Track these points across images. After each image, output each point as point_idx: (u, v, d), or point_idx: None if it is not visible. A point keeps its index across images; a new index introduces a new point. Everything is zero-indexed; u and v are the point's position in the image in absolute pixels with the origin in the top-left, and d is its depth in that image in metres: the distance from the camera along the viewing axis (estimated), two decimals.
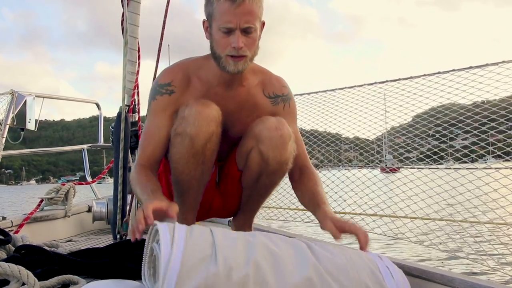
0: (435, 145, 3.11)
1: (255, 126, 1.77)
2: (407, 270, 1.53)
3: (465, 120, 2.74)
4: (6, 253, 1.84)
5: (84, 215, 3.18)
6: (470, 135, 2.77)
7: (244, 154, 1.83)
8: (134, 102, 2.60)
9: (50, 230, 2.78)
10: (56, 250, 2.07)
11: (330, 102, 3.57)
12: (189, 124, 1.65)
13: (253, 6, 1.62)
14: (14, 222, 2.50)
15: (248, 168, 1.83)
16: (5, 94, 3.44)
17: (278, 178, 1.84)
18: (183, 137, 1.67)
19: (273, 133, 1.72)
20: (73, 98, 5.02)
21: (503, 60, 2.52)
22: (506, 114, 2.52)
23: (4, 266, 1.24)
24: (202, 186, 1.83)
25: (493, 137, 2.70)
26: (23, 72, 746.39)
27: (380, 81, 3.32)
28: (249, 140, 1.79)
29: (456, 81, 2.70)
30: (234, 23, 1.61)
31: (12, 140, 3.48)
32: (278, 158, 1.74)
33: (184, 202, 1.84)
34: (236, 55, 1.65)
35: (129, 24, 2.50)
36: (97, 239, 2.72)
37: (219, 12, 1.62)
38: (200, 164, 1.73)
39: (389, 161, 4.24)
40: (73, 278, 1.54)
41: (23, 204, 15.94)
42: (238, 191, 1.95)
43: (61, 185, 3.02)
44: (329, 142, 3.65)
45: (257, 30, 1.66)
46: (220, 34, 1.64)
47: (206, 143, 1.68)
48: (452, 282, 1.38)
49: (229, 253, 1.20)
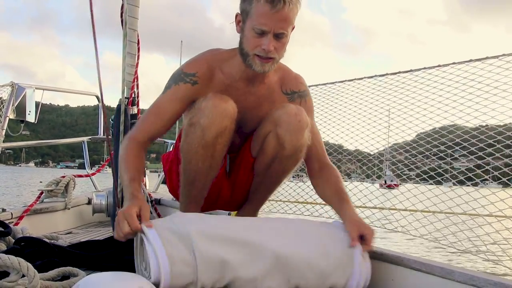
0: (437, 165, 3.10)
1: (274, 111, 1.80)
2: (407, 263, 1.54)
3: (469, 140, 2.72)
4: (6, 245, 1.84)
5: (84, 207, 3.18)
6: (475, 156, 2.75)
7: (261, 138, 1.85)
8: (133, 94, 2.60)
9: (50, 222, 2.78)
10: (56, 242, 2.07)
11: (333, 110, 3.56)
12: (204, 115, 1.68)
13: (290, 14, 1.64)
14: (14, 214, 2.50)
15: (263, 152, 1.85)
16: (5, 86, 3.43)
17: (291, 164, 1.86)
18: (196, 128, 1.70)
19: (292, 118, 1.75)
20: (73, 90, 5.01)
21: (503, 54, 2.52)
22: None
23: (4, 258, 1.24)
24: (208, 181, 1.85)
25: (497, 161, 2.68)
26: (30, 54, 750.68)
27: (381, 74, 3.31)
28: (267, 125, 1.81)
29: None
30: (269, 27, 1.63)
31: (12, 132, 3.48)
32: (294, 143, 1.76)
33: (189, 193, 1.86)
34: (264, 56, 1.68)
35: (128, 16, 2.49)
36: (97, 231, 2.73)
37: (256, 13, 1.64)
38: (208, 157, 1.75)
39: (388, 177, 4.23)
40: (73, 270, 1.54)
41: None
42: (248, 180, 1.97)
43: (61, 178, 3.02)
44: (331, 151, 3.62)
45: (288, 36, 1.69)
46: (253, 33, 1.66)
47: (217, 137, 1.70)
48: (451, 274, 1.38)
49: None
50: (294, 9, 1.65)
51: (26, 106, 3.48)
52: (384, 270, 1.61)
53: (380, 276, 1.61)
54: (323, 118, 3.64)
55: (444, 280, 1.40)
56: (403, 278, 1.55)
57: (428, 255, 5.17)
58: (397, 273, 1.57)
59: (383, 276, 1.61)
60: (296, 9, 1.67)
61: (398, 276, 1.57)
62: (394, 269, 1.58)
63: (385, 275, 1.61)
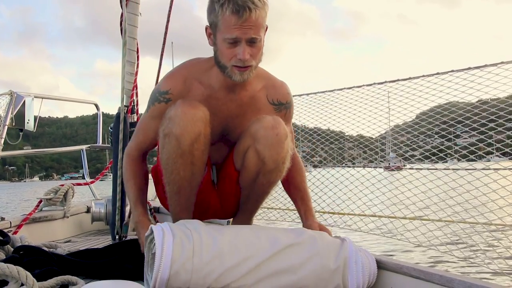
0: (439, 142, 3.10)
1: (251, 125, 1.78)
2: (406, 271, 1.54)
3: (472, 117, 2.73)
4: (5, 254, 1.84)
5: (83, 215, 3.17)
6: (476, 132, 2.77)
7: (241, 153, 1.83)
8: (133, 102, 2.60)
9: (49, 230, 2.77)
10: (55, 250, 2.07)
11: (334, 101, 3.57)
12: (175, 124, 1.67)
13: (258, 19, 1.62)
14: (13, 222, 2.49)
15: (245, 168, 1.84)
16: (4, 94, 3.43)
17: (275, 177, 1.85)
18: (170, 138, 1.69)
19: (269, 132, 1.72)
20: (72, 99, 5.01)
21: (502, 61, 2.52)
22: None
23: (3, 266, 1.23)
24: (194, 187, 1.83)
25: (499, 134, 2.69)
26: (22, 69, 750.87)
27: (380, 82, 3.32)
28: (246, 139, 1.80)
29: (455, 82, 2.70)
30: (240, 36, 1.62)
31: (11, 141, 3.47)
32: (274, 157, 1.75)
33: (177, 202, 1.85)
34: (242, 66, 1.67)
35: (128, 25, 2.50)
36: (96, 240, 2.72)
37: (224, 24, 1.63)
38: (189, 165, 1.73)
39: (392, 160, 4.23)
40: (72, 279, 1.54)
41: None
42: (236, 192, 1.96)
43: (59, 186, 3.02)
44: (332, 140, 3.64)
45: (262, 39, 1.68)
46: (225, 45, 1.66)
47: (193, 143, 1.68)
48: (451, 282, 1.38)
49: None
50: (262, 12, 1.63)
51: (25, 115, 3.48)
52: (383, 278, 1.61)
53: (379, 283, 1.61)
54: (324, 108, 3.65)
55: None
56: (402, 285, 1.55)
57: (433, 264, 5.16)
58: (396, 281, 1.57)
59: (382, 283, 1.61)
60: (264, 11, 1.64)
61: (398, 283, 1.56)
62: (393, 277, 1.58)
63: (384, 282, 1.61)
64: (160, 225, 1.51)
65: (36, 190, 38.57)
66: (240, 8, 1.58)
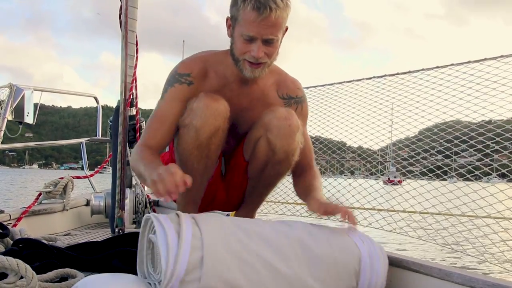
0: (439, 159, 3.09)
1: (264, 115, 1.78)
2: (405, 264, 1.53)
3: (476, 137, 2.72)
4: (4, 247, 1.84)
5: (82, 208, 3.18)
6: (475, 149, 2.75)
7: (252, 143, 1.84)
8: (132, 95, 2.59)
9: (48, 223, 2.78)
10: (54, 243, 2.07)
11: (336, 109, 3.56)
12: (196, 116, 1.67)
13: (278, 19, 1.62)
14: (12, 215, 2.49)
15: (255, 157, 1.85)
16: (4, 87, 3.43)
17: (284, 168, 1.85)
18: (189, 129, 1.69)
19: (282, 122, 1.73)
20: (71, 92, 5.01)
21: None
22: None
23: (2, 259, 1.24)
24: (204, 181, 1.84)
25: (498, 154, 2.68)
26: (26, 56, 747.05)
27: (379, 75, 3.32)
28: (258, 129, 1.80)
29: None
30: (257, 34, 1.62)
31: (10, 133, 3.47)
32: (285, 148, 1.76)
33: (186, 194, 1.84)
34: (254, 62, 1.67)
35: (128, 18, 2.49)
36: (95, 233, 2.73)
37: (243, 19, 1.63)
38: (204, 158, 1.74)
39: (391, 173, 4.23)
40: (71, 272, 1.54)
41: None
42: (243, 183, 1.96)
43: (59, 179, 3.02)
44: (335, 149, 3.61)
45: (279, 40, 1.68)
46: (242, 39, 1.66)
47: (211, 137, 1.69)
48: (450, 276, 1.38)
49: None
50: (283, 13, 1.63)
51: (25, 108, 3.48)
52: (402, 277, 1.57)
53: (394, 283, 1.58)
54: (326, 117, 3.64)
55: (443, 282, 1.39)
56: (401, 279, 1.54)
57: (432, 258, 5.17)
58: (395, 275, 1.56)
59: (396, 283, 1.59)
60: (285, 12, 1.64)
61: (396, 277, 1.56)
62: (392, 271, 1.57)
63: (399, 281, 1.58)
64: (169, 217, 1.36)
65: (33, 179, 38.56)
66: (261, 6, 1.59)
